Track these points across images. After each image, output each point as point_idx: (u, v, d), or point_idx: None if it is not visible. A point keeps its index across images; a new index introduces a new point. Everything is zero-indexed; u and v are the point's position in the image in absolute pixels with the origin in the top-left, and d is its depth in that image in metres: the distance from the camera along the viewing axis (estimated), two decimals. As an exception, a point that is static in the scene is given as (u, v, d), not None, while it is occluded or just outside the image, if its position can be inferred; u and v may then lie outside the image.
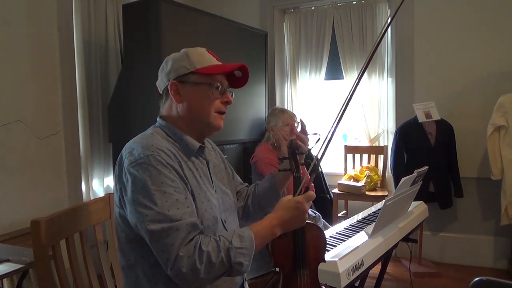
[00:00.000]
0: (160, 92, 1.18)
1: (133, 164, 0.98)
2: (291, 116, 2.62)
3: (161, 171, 0.97)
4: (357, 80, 1.20)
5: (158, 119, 1.18)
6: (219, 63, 1.14)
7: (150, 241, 0.93)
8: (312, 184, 1.17)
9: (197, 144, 1.14)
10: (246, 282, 1.21)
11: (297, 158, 1.19)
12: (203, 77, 1.10)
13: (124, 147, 1.06)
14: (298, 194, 1.12)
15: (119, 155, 1.05)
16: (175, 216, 0.93)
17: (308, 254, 1.13)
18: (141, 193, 0.94)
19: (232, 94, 1.18)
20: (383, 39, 3.44)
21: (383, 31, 1.32)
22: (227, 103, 1.14)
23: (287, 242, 1.11)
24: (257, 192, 1.34)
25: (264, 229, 1.02)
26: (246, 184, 1.41)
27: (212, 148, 1.31)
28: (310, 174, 1.16)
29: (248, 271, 0.99)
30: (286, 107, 3.89)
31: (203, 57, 1.12)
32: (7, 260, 1.57)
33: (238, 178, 1.40)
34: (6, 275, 1.50)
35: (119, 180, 1.02)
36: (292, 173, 1.17)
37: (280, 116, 2.61)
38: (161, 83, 1.16)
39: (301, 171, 1.18)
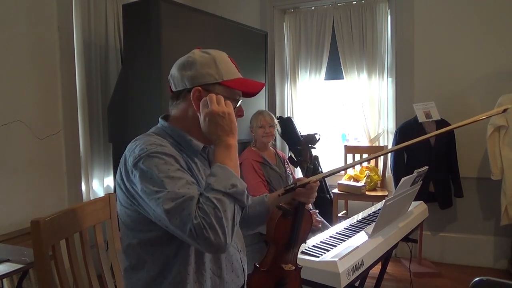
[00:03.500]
0: (173, 90, 1.13)
1: (137, 159, 0.98)
2: (267, 118, 2.65)
3: (165, 160, 0.97)
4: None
5: (160, 120, 1.16)
6: (240, 75, 1.14)
7: (170, 220, 0.91)
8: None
9: (201, 145, 1.13)
10: (246, 284, 1.21)
11: (311, 150, 1.27)
12: (228, 90, 1.09)
13: (126, 149, 1.06)
14: (290, 189, 1.18)
15: (123, 157, 1.05)
16: (187, 194, 0.92)
17: (300, 236, 1.22)
18: (151, 183, 0.94)
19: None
20: (383, 39, 3.45)
21: None
22: (240, 116, 1.15)
23: (288, 223, 1.18)
24: (248, 212, 1.31)
25: (221, 153, 1.02)
26: None
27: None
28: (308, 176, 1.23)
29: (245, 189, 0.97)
30: (286, 107, 3.91)
31: (229, 68, 1.11)
32: (7, 260, 1.57)
33: None
34: (6, 275, 1.50)
35: (127, 179, 1.01)
36: (305, 164, 1.26)
37: (257, 118, 2.66)
38: (180, 82, 1.10)
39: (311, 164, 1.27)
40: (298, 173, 3.60)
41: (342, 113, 3.95)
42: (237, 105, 1.13)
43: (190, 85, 1.08)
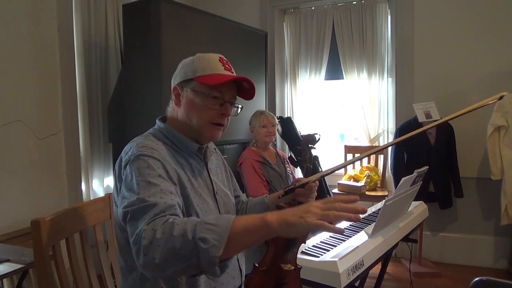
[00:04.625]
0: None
1: (127, 161, 0.99)
2: (269, 118, 2.67)
3: (149, 163, 0.96)
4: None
5: (157, 121, 1.18)
6: (227, 72, 1.11)
7: (129, 221, 0.87)
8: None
9: (196, 146, 1.14)
10: (243, 285, 1.21)
11: (311, 150, 1.27)
12: (201, 85, 1.08)
13: (123, 150, 1.07)
14: (289, 190, 1.16)
15: (119, 158, 1.06)
16: (154, 201, 0.88)
17: (300, 236, 1.19)
18: (128, 186, 0.94)
19: (241, 107, 1.16)
20: (383, 39, 3.45)
21: None
22: (224, 115, 1.11)
23: None
24: (248, 213, 1.31)
25: (251, 217, 0.85)
26: (238, 195, 1.39)
27: (214, 148, 1.31)
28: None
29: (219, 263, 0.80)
30: (286, 107, 3.91)
31: (209, 65, 1.09)
32: (7, 260, 1.57)
33: (236, 184, 1.40)
34: (6, 275, 1.49)
35: (119, 180, 1.02)
36: (305, 164, 1.26)
37: (258, 118, 2.67)
38: (171, 86, 1.17)
39: (310, 164, 1.26)
40: (298, 172, 3.60)
41: (342, 113, 3.95)
42: (219, 103, 1.09)
43: (173, 85, 1.13)
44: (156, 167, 0.97)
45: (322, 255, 1.39)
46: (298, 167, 3.42)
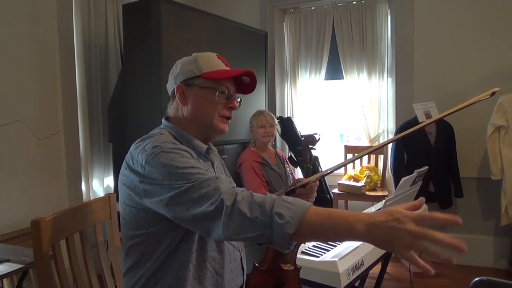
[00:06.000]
0: (169, 94, 1.19)
1: (152, 156, 0.97)
2: (267, 118, 2.66)
3: (182, 153, 0.98)
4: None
5: (163, 120, 1.18)
6: (228, 68, 1.15)
7: (193, 193, 0.89)
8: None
9: (205, 146, 1.15)
10: (245, 284, 1.21)
11: (311, 151, 1.26)
12: (209, 81, 1.11)
13: (132, 148, 1.05)
14: (290, 191, 1.16)
15: (127, 157, 1.04)
16: (216, 175, 0.93)
17: None
18: (174, 177, 0.93)
19: (240, 100, 1.19)
20: (383, 39, 3.45)
21: None
22: (232, 108, 1.15)
23: None
24: None
25: (333, 210, 0.84)
26: None
27: (215, 150, 1.32)
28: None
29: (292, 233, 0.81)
30: (286, 107, 3.91)
31: (211, 62, 1.13)
32: (7, 260, 1.58)
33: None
34: (6, 275, 1.50)
35: (140, 176, 0.98)
36: (305, 165, 1.27)
37: (257, 118, 2.67)
38: (170, 85, 1.18)
39: (310, 165, 1.25)
40: (298, 172, 3.60)
41: (342, 113, 3.95)
42: (226, 97, 1.12)
43: (174, 84, 1.14)
44: (188, 155, 0.99)
45: (322, 255, 1.39)
46: (298, 167, 3.43)
